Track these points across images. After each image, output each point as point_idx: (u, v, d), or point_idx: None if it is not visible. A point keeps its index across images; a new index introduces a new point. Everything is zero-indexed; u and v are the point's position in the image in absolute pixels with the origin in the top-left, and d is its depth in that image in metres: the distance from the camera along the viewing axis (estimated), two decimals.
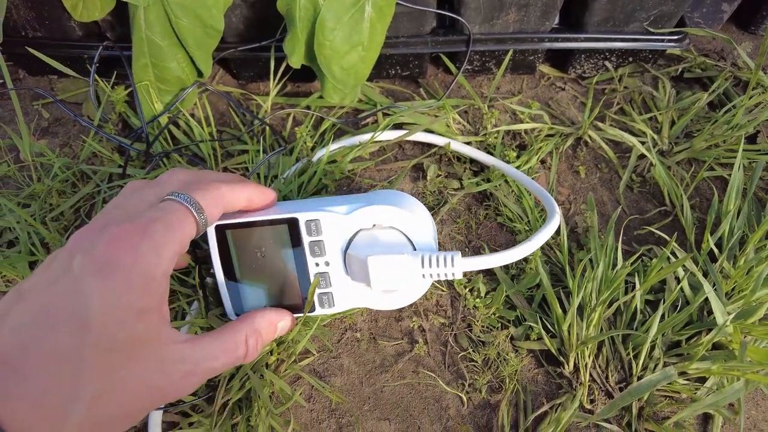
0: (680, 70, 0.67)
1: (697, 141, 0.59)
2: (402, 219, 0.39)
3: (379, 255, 0.38)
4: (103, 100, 0.59)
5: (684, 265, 0.49)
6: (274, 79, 0.60)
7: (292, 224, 0.40)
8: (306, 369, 0.47)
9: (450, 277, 0.38)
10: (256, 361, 0.44)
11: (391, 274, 0.38)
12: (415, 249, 0.39)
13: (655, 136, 0.61)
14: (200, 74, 0.59)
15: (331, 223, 0.40)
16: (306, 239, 0.40)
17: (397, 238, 0.40)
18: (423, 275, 0.39)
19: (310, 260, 0.41)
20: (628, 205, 0.58)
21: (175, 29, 0.53)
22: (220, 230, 0.40)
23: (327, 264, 0.41)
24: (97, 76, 0.58)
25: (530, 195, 0.56)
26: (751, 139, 0.63)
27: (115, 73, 0.61)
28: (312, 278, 0.41)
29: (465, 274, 0.52)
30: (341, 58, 0.54)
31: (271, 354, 0.45)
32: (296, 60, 0.55)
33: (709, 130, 0.59)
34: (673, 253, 0.52)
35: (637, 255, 0.50)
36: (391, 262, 0.38)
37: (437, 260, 0.38)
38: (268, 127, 0.59)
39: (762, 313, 0.45)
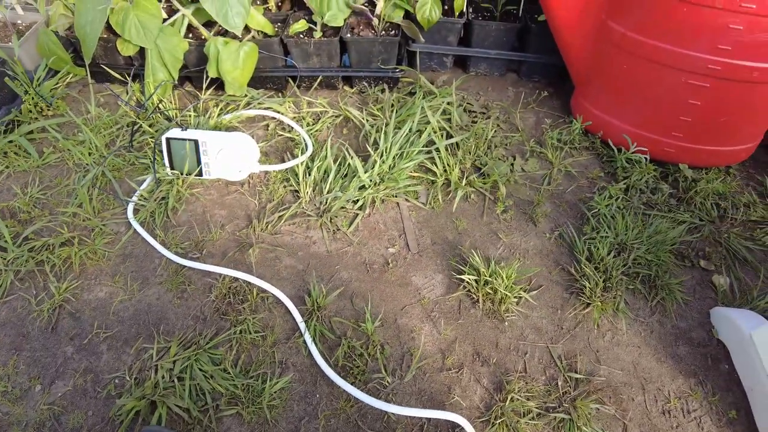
0: (410, 89, 1.35)
1: (402, 115, 1.26)
2: (244, 143, 1.09)
3: (232, 159, 1.08)
4: (129, 91, 1.30)
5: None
6: (205, 84, 1.31)
7: (197, 142, 1.08)
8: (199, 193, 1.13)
9: (257, 172, 1.10)
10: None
11: (233, 166, 1.08)
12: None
13: (380, 114, 1.28)
14: (173, 79, 1.30)
15: (212, 142, 1.08)
16: (202, 148, 1.09)
17: (240, 154, 1.08)
18: (246, 170, 1.10)
19: (203, 157, 1.09)
20: (355, 145, 1.24)
21: (162, 58, 1.25)
22: (167, 140, 1.09)
23: (209, 159, 1.09)
24: (129, 80, 1.30)
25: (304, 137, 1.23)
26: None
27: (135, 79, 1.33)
28: (204, 167, 1.10)
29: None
30: (230, 73, 1.24)
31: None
32: (212, 72, 1.26)
33: (410, 109, 1.25)
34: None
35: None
36: (237, 162, 1.08)
37: (255, 167, 1.09)
38: (202, 104, 1.29)
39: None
